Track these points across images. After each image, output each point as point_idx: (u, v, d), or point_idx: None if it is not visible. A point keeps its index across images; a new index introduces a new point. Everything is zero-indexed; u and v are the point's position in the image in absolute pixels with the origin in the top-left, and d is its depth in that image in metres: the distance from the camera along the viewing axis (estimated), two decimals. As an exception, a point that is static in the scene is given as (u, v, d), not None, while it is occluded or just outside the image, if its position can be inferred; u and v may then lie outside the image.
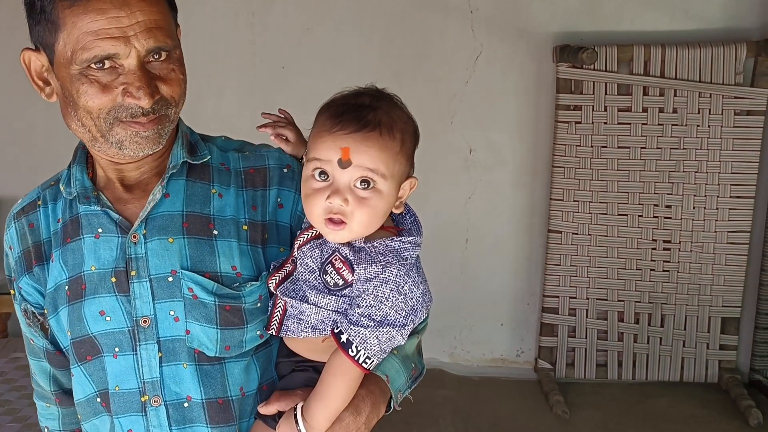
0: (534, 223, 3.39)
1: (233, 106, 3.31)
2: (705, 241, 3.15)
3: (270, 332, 1.04)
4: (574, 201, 3.20)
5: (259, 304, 1.04)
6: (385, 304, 0.95)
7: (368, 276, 0.95)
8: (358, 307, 0.96)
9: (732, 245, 3.14)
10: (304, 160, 1.01)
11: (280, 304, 1.03)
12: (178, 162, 1.03)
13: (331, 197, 0.94)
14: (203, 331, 1.00)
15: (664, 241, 3.18)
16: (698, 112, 3.07)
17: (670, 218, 3.16)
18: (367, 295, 0.95)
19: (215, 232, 1.03)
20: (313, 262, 0.99)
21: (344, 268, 0.97)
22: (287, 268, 1.03)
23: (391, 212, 1.01)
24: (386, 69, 3.26)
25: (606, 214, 3.19)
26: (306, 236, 1.02)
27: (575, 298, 3.27)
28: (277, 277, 1.03)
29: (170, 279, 1.00)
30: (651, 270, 3.21)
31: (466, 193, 3.41)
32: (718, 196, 3.12)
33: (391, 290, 0.95)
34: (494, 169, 3.38)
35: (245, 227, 1.05)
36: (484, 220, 3.42)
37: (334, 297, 0.97)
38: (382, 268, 0.95)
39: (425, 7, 3.25)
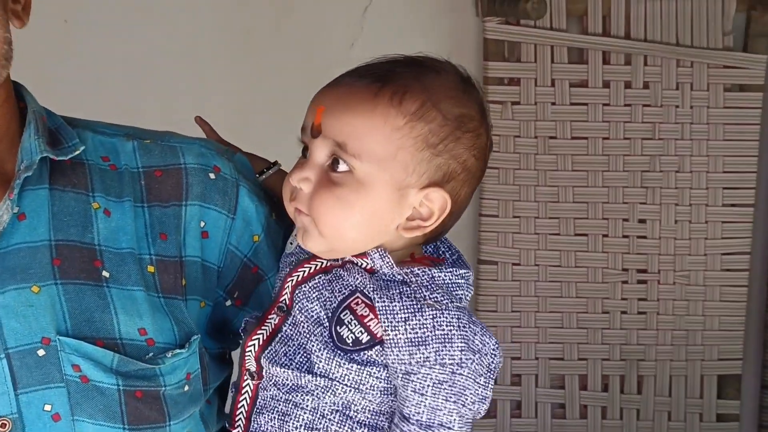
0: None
1: None
2: (692, 269, 2.44)
3: None
4: (514, 217, 2.42)
5: (187, 387, 0.77)
6: (455, 387, 0.70)
7: (410, 335, 0.68)
8: (404, 404, 0.71)
9: (728, 273, 2.45)
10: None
11: (247, 385, 0.77)
12: (34, 159, 0.74)
13: (293, 173, 0.75)
14: None
15: (638, 271, 2.45)
16: (676, 88, 2.41)
17: (644, 237, 2.44)
18: (417, 379, 0.69)
19: (105, 273, 0.75)
20: (321, 306, 0.75)
21: (371, 315, 0.72)
22: (272, 322, 0.76)
23: (424, 245, 0.80)
24: (236, 26, 2.55)
25: (558, 234, 2.42)
26: (307, 269, 0.76)
27: (519, 358, 2.43)
28: (258, 339, 0.76)
29: (41, 353, 0.73)
30: (622, 312, 2.45)
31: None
32: (707, 205, 2.42)
33: (459, 361, 0.69)
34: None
35: (150, 268, 0.77)
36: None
37: (355, 364, 0.71)
38: (432, 318, 0.68)
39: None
